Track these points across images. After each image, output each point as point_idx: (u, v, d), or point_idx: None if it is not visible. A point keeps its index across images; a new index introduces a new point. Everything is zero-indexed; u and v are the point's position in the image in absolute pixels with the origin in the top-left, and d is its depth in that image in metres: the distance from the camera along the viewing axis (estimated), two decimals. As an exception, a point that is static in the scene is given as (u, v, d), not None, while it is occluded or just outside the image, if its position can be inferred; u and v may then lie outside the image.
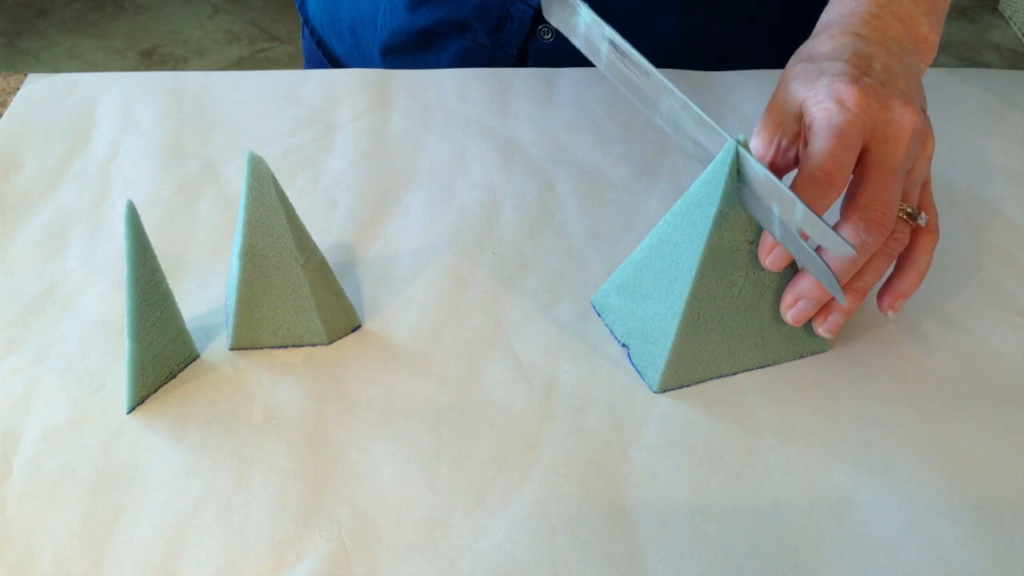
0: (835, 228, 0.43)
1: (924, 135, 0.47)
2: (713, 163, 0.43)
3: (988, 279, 0.54)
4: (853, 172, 0.45)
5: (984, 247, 0.56)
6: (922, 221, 0.47)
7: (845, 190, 0.45)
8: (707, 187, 0.44)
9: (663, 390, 0.47)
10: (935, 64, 0.55)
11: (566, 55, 0.69)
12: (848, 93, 0.45)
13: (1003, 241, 0.56)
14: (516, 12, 0.69)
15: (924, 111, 0.47)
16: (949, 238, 0.56)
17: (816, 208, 0.43)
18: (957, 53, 2.27)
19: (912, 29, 0.50)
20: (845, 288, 0.45)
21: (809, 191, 0.43)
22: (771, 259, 0.45)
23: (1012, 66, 2.26)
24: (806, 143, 0.46)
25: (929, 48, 0.51)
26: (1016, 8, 2.39)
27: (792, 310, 0.46)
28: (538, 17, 0.69)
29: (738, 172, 0.43)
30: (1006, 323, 0.51)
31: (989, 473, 0.44)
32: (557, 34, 0.70)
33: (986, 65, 2.26)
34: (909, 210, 0.46)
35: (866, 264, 0.45)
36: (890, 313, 0.48)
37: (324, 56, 0.81)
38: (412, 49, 0.74)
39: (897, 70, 0.47)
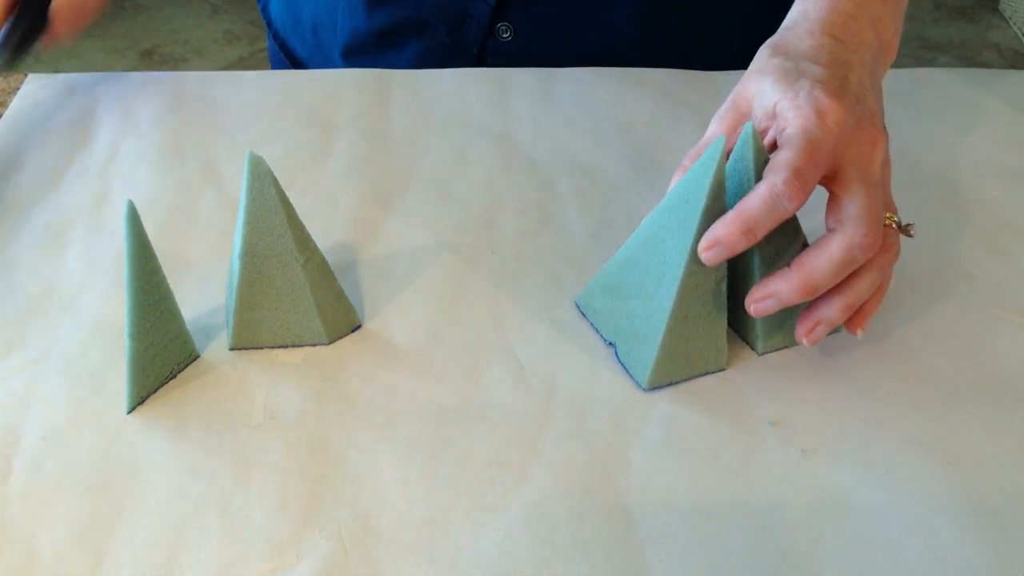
0: (821, 239, 0.44)
1: (887, 158, 0.47)
2: (700, 160, 0.44)
3: (988, 279, 0.54)
4: (832, 189, 0.45)
5: (984, 247, 0.56)
6: (913, 232, 0.47)
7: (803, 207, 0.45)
8: (694, 184, 0.44)
9: (653, 387, 0.47)
10: (935, 64, 0.56)
11: (525, 55, 0.70)
12: (829, 107, 0.44)
13: (1003, 241, 0.56)
14: (475, 11, 0.68)
15: (885, 130, 0.47)
16: (949, 238, 0.56)
17: (765, 219, 0.43)
18: (957, 53, 2.27)
19: (881, 33, 0.50)
20: (830, 302, 0.45)
21: (762, 202, 0.43)
22: (709, 254, 0.44)
23: (1012, 66, 2.26)
24: (773, 143, 0.46)
25: (891, 52, 0.52)
26: (1016, 8, 2.39)
27: (758, 305, 0.45)
28: (496, 15, 0.69)
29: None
30: (1006, 323, 0.51)
31: (989, 473, 0.44)
32: (515, 32, 0.70)
33: (986, 65, 2.26)
34: (898, 220, 0.47)
35: (855, 278, 0.45)
36: (859, 333, 0.47)
37: (287, 59, 0.81)
38: (372, 50, 0.73)
39: (867, 85, 0.47)
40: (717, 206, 0.44)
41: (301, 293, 0.47)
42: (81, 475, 0.43)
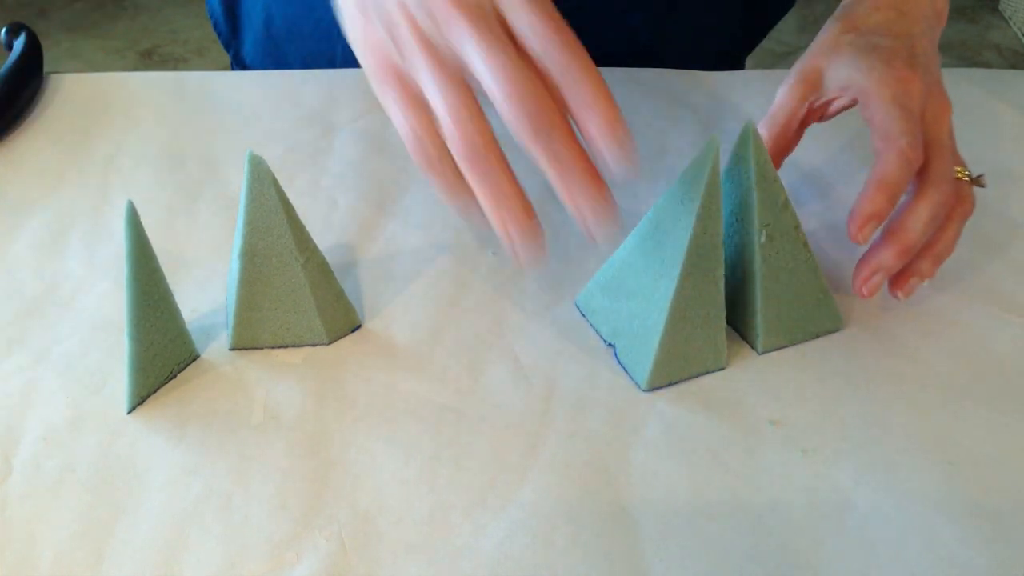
0: (912, 204, 0.47)
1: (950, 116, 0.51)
2: (695, 159, 0.44)
3: (988, 279, 0.54)
4: None
5: (984, 247, 0.56)
6: (984, 182, 0.50)
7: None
8: (689, 183, 0.44)
9: (652, 388, 0.47)
10: (935, 64, 0.56)
11: None
12: (907, 77, 0.48)
13: (1003, 241, 0.56)
14: None
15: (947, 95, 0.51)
16: (949, 238, 0.56)
17: (903, 184, 0.46)
18: (957, 53, 2.27)
19: (935, 2, 0.54)
20: (924, 257, 0.48)
21: (900, 168, 0.46)
22: (867, 229, 0.46)
23: (1012, 66, 2.26)
24: (821, 112, 0.51)
25: (943, 20, 0.55)
26: (1016, 8, 2.39)
27: (868, 283, 0.48)
28: None
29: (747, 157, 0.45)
30: (1006, 323, 0.51)
31: (989, 473, 0.44)
32: None
33: (986, 65, 2.26)
34: (969, 173, 0.50)
35: (940, 232, 0.48)
36: (928, 279, 0.49)
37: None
38: None
39: (931, 54, 0.51)
40: (713, 205, 0.44)
41: (301, 293, 0.47)
42: (81, 475, 0.43)
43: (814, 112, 0.53)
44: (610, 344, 0.49)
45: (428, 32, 0.39)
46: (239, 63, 0.81)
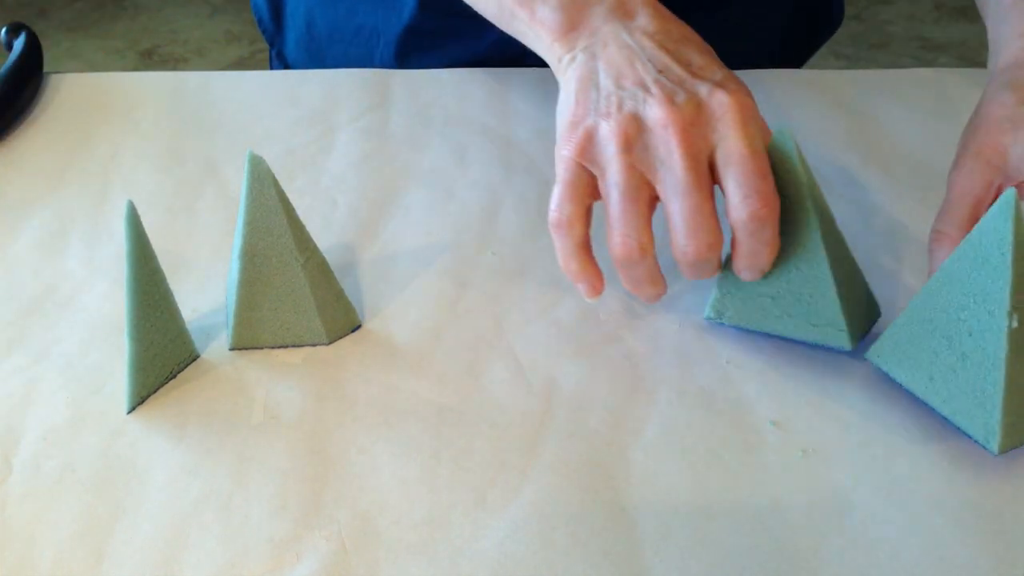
0: None
1: None
2: (991, 212, 0.41)
3: (988, 279, 0.54)
4: None
5: (984, 247, 0.56)
6: None
7: None
8: (987, 241, 0.41)
9: (1004, 451, 0.43)
10: (935, 64, 0.56)
11: None
12: None
13: (1003, 241, 0.56)
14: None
15: None
16: (949, 238, 0.56)
17: None
18: (957, 53, 2.27)
19: None
20: None
21: None
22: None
23: (1012, 66, 2.25)
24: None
25: None
26: (1016, 8, 2.39)
27: None
28: None
29: None
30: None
31: (989, 473, 0.44)
32: None
33: (986, 65, 2.26)
34: None
35: None
36: None
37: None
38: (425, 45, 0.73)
39: None
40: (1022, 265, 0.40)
41: (301, 293, 0.47)
42: (81, 475, 0.43)
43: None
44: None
45: (634, 150, 0.43)
46: (281, 60, 0.82)
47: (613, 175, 0.43)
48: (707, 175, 0.43)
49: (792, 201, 0.44)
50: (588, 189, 0.45)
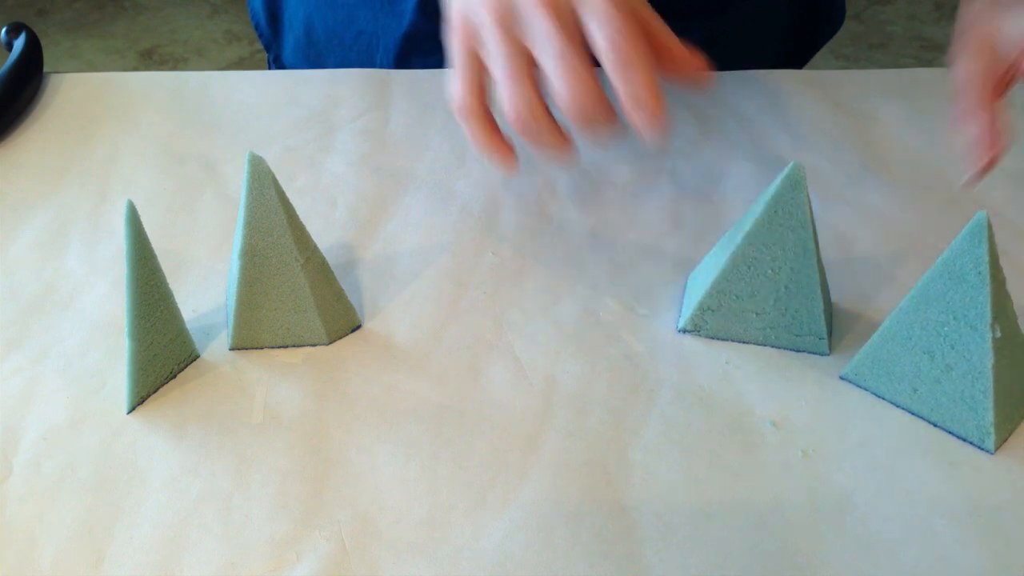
0: None
1: None
2: (965, 232, 0.43)
3: (988, 279, 0.54)
4: None
5: (984, 247, 0.56)
6: None
7: None
8: (960, 260, 0.43)
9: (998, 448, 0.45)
10: (935, 64, 0.55)
11: None
12: None
13: (1003, 241, 0.56)
14: None
15: None
16: (949, 238, 0.56)
17: None
18: (957, 53, 2.27)
19: None
20: None
21: None
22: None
23: (1012, 66, 2.25)
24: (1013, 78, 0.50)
25: None
26: (1016, 8, 2.39)
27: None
28: None
29: None
30: (1006, 323, 0.51)
31: (989, 473, 0.44)
32: None
33: (986, 65, 2.25)
34: None
35: None
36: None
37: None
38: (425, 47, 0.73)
39: None
40: (1000, 276, 0.43)
41: (301, 293, 0.47)
42: (81, 475, 0.43)
43: (1005, 80, 0.51)
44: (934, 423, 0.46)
45: (507, 24, 0.46)
46: (279, 66, 0.82)
47: (492, 47, 0.46)
48: (575, 28, 0.45)
49: (792, 232, 0.46)
50: (478, 68, 0.48)
